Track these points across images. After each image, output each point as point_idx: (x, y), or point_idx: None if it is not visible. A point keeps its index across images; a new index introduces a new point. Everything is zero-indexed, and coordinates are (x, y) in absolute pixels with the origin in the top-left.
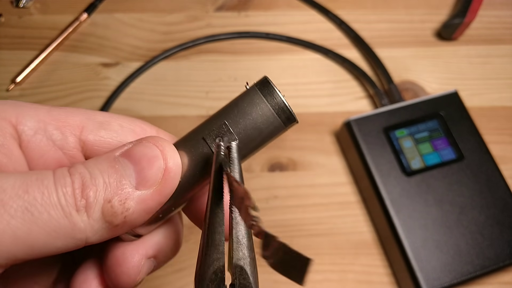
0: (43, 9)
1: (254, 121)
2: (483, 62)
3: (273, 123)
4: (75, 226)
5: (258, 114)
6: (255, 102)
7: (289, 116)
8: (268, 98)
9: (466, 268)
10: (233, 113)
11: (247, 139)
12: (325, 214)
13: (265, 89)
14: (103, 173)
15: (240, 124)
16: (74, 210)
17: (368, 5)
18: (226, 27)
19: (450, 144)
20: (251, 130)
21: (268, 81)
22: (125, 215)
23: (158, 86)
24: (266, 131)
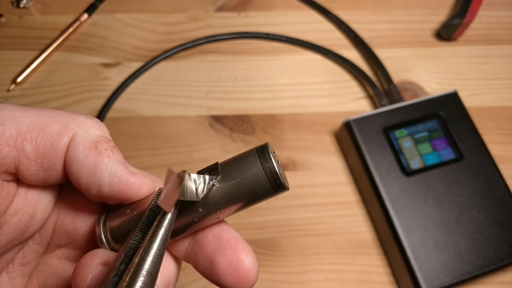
0: (44, 10)
1: (243, 175)
2: (483, 62)
3: (262, 184)
4: (77, 117)
5: (250, 172)
6: (251, 160)
7: (278, 183)
8: (262, 162)
9: (465, 267)
10: (229, 162)
11: (236, 194)
12: (325, 214)
13: (261, 153)
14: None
15: (230, 172)
16: (84, 116)
17: (368, 5)
18: (226, 28)
19: (449, 144)
20: (238, 183)
21: (267, 147)
22: (106, 149)
23: (158, 86)
24: (252, 189)
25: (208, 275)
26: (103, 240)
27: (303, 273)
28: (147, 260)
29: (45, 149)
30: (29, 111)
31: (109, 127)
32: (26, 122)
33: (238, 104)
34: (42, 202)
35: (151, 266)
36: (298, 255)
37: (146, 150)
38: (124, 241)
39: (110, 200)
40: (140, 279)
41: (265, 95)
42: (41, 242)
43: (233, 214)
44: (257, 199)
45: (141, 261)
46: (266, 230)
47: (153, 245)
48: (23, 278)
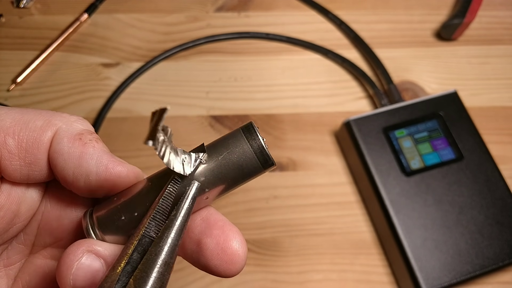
0: (44, 10)
1: (231, 152)
2: (483, 62)
3: (250, 159)
4: (59, 113)
5: (237, 147)
6: (237, 137)
7: (266, 159)
8: (249, 138)
9: (465, 267)
10: (215, 142)
11: (223, 170)
12: (324, 214)
13: (247, 130)
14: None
15: (217, 149)
16: (67, 114)
17: (368, 5)
18: (226, 28)
19: (449, 144)
20: (225, 159)
21: (252, 124)
22: (90, 139)
23: (158, 86)
24: (240, 165)
25: (195, 259)
26: (90, 231)
27: (304, 273)
28: (164, 249)
29: (28, 143)
30: (12, 109)
31: (109, 127)
32: (8, 118)
33: (238, 104)
34: (27, 200)
35: (168, 256)
36: (298, 255)
37: (146, 150)
38: (113, 230)
39: (97, 190)
40: (156, 269)
41: (265, 95)
42: (25, 242)
43: (227, 202)
44: (246, 176)
45: (158, 251)
46: (266, 230)
47: (171, 234)
48: (8, 281)
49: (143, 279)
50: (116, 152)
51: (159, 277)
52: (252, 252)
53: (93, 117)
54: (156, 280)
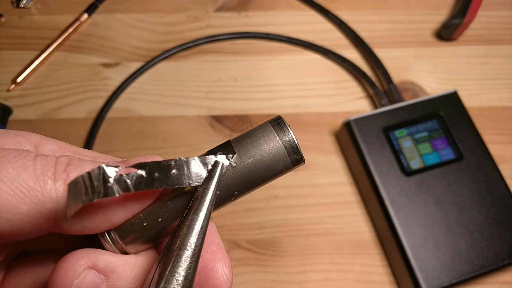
0: (44, 10)
1: (261, 152)
2: (483, 62)
3: (280, 157)
4: (45, 193)
5: (268, 147)
6: (268, 135)
7: (297, 154)
8: (281, 135)
9: (465, 267)
10: (242, 138)
11: (250, 167)
12: (324, 214)
13: (278, 126)
14: (94, 161)
15: (246, 149)
16: (50, 179)
17: (368, 5)
18: (226, 28)
19: (449, 144)
20: (256, 160)
21: (282, 119)
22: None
23: (158, 86)
24: (271, 165)
25: None
26: (107, 238)
27: (303, 273)
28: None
29: None
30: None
31: (109, 127)
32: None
33: (238, 104)
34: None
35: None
36: (298, 255)
37: (146, 150)
38: (133, 237)
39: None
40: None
41: (265, 95)
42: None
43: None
44: (275, 176)
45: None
46: (266, 230)
47: (193, 239)
48: None
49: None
50: (116, 152)
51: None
52: (251, 252)
53: (93, 117)
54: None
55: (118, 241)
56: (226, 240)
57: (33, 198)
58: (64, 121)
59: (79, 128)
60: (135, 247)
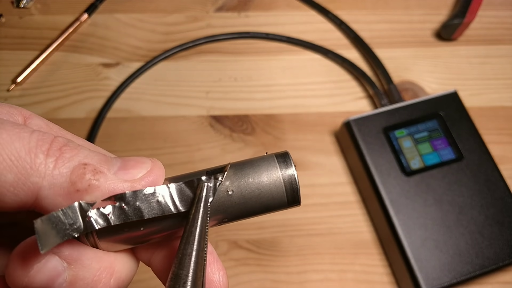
0: (44, 10)
1: (260, 185)
2: (483, 62)
3: (277, 194)
4: (34, 166)
5: (268, 181)
6: (271, 169)
7: (296, 195)
8: (283, 171)
9: (465, 267)
10: (244, 166)
11: (246, 199)
12: (325, 214)
13: (284, 164)
14: (91, 150)
15: (246, 178)
16: (42, 154)
17: (368, 5)
18: (226, 28)
19: (449, 144)
20: (254, 194)
21: (288, 155)
22: (90, 183)
23: (158, 86)
24: (267, 202)
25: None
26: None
27: (303, 273)
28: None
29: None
30: None
31: (109, 127)
32: None
33: (238, 104)
34: None
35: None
36: (298, 255)
37: (146, 150)
38: (109, 238)
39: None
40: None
41: (265, 95)
42: None
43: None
44: (267, 211)
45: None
46: (266, 230)
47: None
48: None
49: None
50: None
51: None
52: (251, 252)
53: (93, 117)
54: None
55: (93, 236)
56: (226, 240)
57: (21, 168)
58: (64, 121)
59: (79, 128)
60: (108, 246)
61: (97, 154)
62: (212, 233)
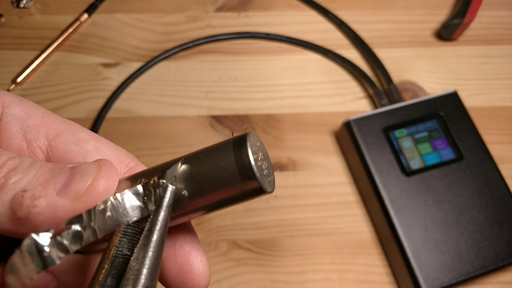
0: (44, 10)
1: (213, 169)
2: (483, 62)
3: (232, 183)
4: None
5: (221, 164)
6: (223, 155)
7: (256, 183)
8: (237, 152)
9: (465, 267)
10: (196, 155)
11: (201, 186)
12: (325, 214)
13: (238, 144)
14: (40, 169)
15: (197, 166)
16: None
17: (368, 5)
18: (226, 28)
19: (449, 144)
20: (208, 177)
21: (246, 136)
22: (29, 211)
23: (158, 86)
24: (222, 184)
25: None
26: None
27: (303, 273)
28: (143, 273)
29: None
30: None
31: (109, 127)
32: None
33: (238, 104)
34: None
35: (149, 280)
36: (298, 255)
37: (146, 150)
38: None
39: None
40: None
41: (265, 95)
42: None
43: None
44: (223, 185)
45: (137, 276)
46: (265, 230)
47: (148, 254)
48: None
49: None
50: None
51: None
52: (251, 252)
53: (93, 117)
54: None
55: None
56: (226, 240)
57: None
58: None
59: None
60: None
61: (44, 173)
62: (212, 233)
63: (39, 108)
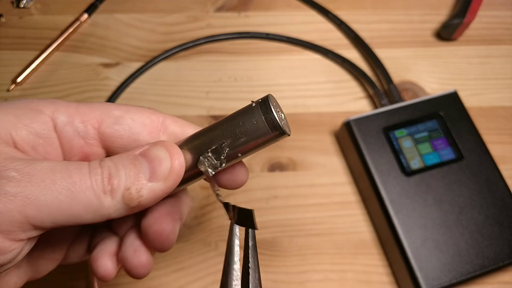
0: (44, 10)
1: (251, 135)
2: (483, 62)
3: (266, 136)
4: (102, 204)
5: (255, 128)
6: (255, 119)
7: (282, 132)
8: (266, 116)
9: (465, 267)
10: (233, 128)
11: (242, 148)
12: (325, 214)
13: (264, 105)
14: (125, 168)
15: (238, 139)
16: (102, 193)
17: (368, 5)
18: (226, 28)
19: (449, 144)
20: (248, 143)
21: (268, 99)
22: (139, 200)
23: (159, 86)
24: (260, 143)
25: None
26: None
27: (303, 273)
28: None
29: None
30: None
31: None
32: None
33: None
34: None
35: None
36: (298, 255)
37: None
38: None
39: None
40: None
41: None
42: None
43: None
44: (257, 144)
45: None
46: (266, 230)
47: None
48: None
49: None
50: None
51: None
52: None
53: None
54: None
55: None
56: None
57: (93, 209)
58: None
59: None
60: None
61: (130, 169)
62: (212, 233)
63: (70, 104)
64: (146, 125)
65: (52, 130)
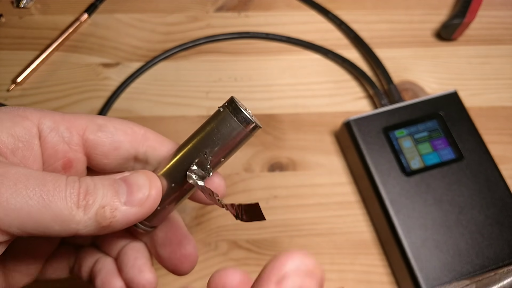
0: (44, 10)
1: (228, 138)
2: (483, 62)
3: (241, 134)
4: (73, 218)
5: (230, 130)
6: (228, 122)
7: (255, 126)
8: (237, 116)
9: (465, 267)
10: (209, 136)
11: (222, 152)
12: (324, 214)
13: (232, 107)
14: (104, 188)
15: (217, 145)
16: (75, 206)
17: (368, 5)
18: (226, 28)
19: (449, 144)
20: (227, 145)
21: (234, 101)
22: (111, 221)
23: (158, 86)
24: (238, 142)
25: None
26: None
27: None
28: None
29: None
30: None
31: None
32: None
33: None
34: None
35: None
36: None
37: None
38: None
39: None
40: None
41: (265, 95)
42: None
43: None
44: (235, 144)
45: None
46: (266, 230)
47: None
48: None
49: None
50: None
51: None
52: (252, 252)
53: None
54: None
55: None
56: (226, 240)
57: (62, 221)
58: None
59: None
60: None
61: (108, 189)
62: (212, 233)
63: (56, 112)
64: (128, 134)
65: (34, 137)
